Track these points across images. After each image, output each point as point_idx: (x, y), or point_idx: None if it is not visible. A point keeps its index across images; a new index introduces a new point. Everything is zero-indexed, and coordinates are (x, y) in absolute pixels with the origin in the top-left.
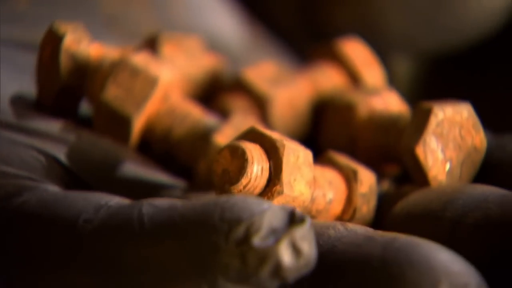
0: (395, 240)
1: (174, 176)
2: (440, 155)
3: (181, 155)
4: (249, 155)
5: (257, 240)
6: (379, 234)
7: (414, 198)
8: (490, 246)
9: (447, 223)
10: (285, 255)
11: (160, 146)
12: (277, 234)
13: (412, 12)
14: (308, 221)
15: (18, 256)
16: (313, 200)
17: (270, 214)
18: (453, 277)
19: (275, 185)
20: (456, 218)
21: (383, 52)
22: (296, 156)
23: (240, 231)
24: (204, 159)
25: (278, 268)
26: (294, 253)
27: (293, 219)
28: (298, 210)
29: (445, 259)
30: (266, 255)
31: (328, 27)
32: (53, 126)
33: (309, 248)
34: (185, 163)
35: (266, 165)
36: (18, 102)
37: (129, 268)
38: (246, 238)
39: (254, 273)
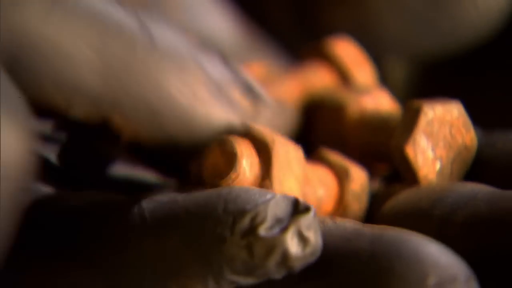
0: (383, 234)
1: (165, 175)
2: (430, 154)
3: (173, 156)
4: (238, 150)
5: (263, 231)
6: (368, 228)
7: (404, 196)
8: (478, 244)
9: (436, 221)
10: (292, 244)
11: (151, 145)
12: (282, 224)
13: (408, 15)
14: (312, 210)
15: (20, 256)
16: (302, 196)
17: (274, 203)
18: (442, 270)
19: (264, 180)
20: (445, 216)
21: (378, 54)
22: (286, 151)
23: (245, 222)
24: (196, 158)
25: (285, 258)
26: (301, 242)
27: (297, 208)
28: (301, 199)
29: (433, 252)
30: (273, 245)
31: (323, 28)
32: (43, 125)
33: (315, 237)
34: (176, 161)
35: (255, 160)
36: None
37: (132, 263)
38: (252, 228)
39: (261, 264)
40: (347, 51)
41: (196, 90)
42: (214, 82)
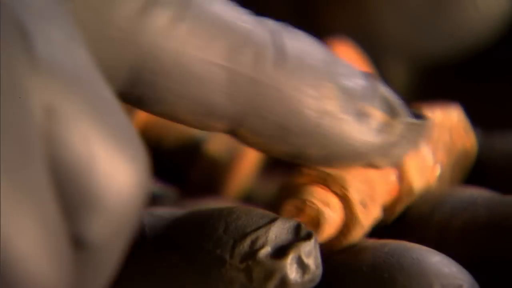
0: (384, 245)
1: (166, 184)
2: (430, 159)
3: (172, 163)
4: (327, 226)
5: (262, 255)
6: (369, 240)
7: None
8: (477, 249)
9: (436, 226)
10: (292, 271)
11: (151, 155)
12: (283, 249)
13: (409, 17)
14: (314, 237)
15: None
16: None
17: (276, 228)
18: (446, 279)
19: (343, 234)
20: (444, 221)
21: (379, 56)
22: (366, 205)
23: (245, 245)
24: (195, 168)
25: (284, 284)
26: (300, 268)
27: (298, 233)
28: (304, 225)
29: (436, 262)
30: (272, 270)
31: (324, 30)
32: None
33: (315, 264)
34: (177, 171)
35: (339, 214)
36: None
37: (130, 280)
38: (252, 252)
39: None
40: (346, 53)
41: (327, 105)
42: (348, 96)
